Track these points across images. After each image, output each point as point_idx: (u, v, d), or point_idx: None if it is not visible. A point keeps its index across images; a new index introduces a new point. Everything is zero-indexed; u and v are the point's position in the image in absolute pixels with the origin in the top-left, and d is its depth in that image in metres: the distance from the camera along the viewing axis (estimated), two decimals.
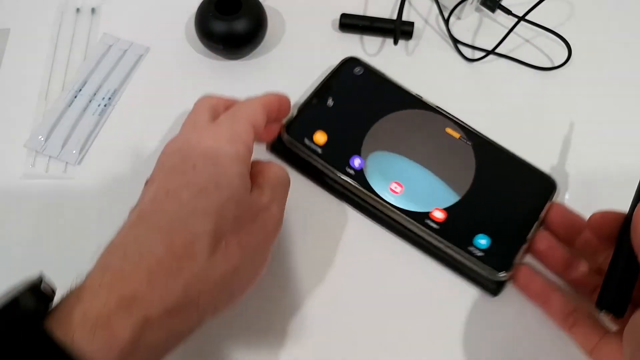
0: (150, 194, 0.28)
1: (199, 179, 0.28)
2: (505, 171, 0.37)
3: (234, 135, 0.30)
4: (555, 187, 0.37)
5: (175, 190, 0.27)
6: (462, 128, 0.38)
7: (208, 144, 0.29)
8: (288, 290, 0.35)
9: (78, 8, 0.46)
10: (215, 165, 0.28)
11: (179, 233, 0.26)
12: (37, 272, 0.26)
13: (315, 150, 0.37)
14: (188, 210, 0.27)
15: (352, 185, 0.36)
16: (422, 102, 0.39)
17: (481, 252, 0.34)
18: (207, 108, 0.33)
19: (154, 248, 0.25)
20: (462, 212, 0.35)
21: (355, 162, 0.36)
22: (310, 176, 0.38)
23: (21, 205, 0.38)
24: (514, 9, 0.45)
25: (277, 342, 0.33)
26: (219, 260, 0.26)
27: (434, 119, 0.39)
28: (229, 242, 0.27)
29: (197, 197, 0.27)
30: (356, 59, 0.41)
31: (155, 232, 0.26)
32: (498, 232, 0.35)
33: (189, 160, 0.28)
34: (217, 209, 0.27)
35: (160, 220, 0.26)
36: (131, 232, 0.27)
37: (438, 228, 0.35)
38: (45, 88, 0.42)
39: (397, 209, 0.35)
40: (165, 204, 0.27)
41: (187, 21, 0.45)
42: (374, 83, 0.40)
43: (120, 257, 0.26)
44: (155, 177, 0.29)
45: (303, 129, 0.37)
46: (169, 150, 0.31)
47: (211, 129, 0.31)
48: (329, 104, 0.38)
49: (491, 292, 0.35)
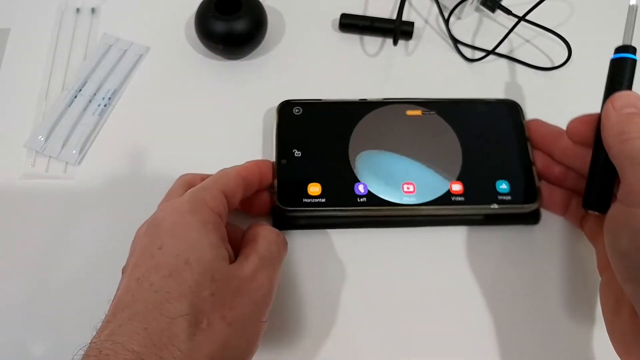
0: (124, 284, 0.27)
1: (167, 260, 0.26)
2: (476, 117, 0.39)
3: (196, 203, 0.29)
4: (518, 105, 0.39)
5: (145, 276, 0.26)
6: (418, 104, 0.39)
7: (172, 219, 0.28)
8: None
9: (78, 8, 0.46)
10: (182, 241, 0.27)
11: (155, 322, 0.24)
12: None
13: (318, 203, 0.35)
14: (161, 296, 0.25)
15: (370, 209, 0.36)
16: (371, 103, 0.39)
17: (508, 196, 0.36)
18: (182, 183, 0.33)
19: (130, 343, 0.24)
20: (472, 172, 0.37)
21: (360, 188, 0.36)
22: (324, 226, 0.37)
23: (21, 205, 0.38)
24: (514, 9, 0.45)
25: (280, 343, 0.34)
26: (201, 341, 0.25)
27: (391, 111, 0.39)
28: (211, 320, 0.26)
29: (167, 279, 0.26)
30: (287, 101, 0.39)
31: (130, 325, 0.24)
32: (509, 170, 0.37)
33: (156, 241, 0.27)
34: (192, 288, 0.26)
35: (134, 311, 0.25)
36: (107, 329, 0.25)
37: (463, 199, 0.36)
38: (45, 88, 0.42)
39: (422, 205, 0.36)
40: (137, 292, 0.26)
41: (187, 21, 0.45)
42: (318, 112, 0.39)
43: (95, 358, 0.23)
44: (129, 264, 0.28)
45: (294, 192, 0.36)
46: (138, 234, 0.30)
47: (175, 202, 0.29)
48: (298, 156, 0.37)
49: (533, 222, 0.37)
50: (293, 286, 0.35)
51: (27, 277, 0.35)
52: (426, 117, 0.39)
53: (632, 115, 0.30)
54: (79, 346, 0.26)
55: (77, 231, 0.37)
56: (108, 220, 0.37)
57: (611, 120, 0.30)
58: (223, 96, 0.42)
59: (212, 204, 0.29)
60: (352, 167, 0.37)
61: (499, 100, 0.40)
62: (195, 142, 0.40)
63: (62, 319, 0.34)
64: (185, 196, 0.30)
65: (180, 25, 0.45)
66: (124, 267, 0.29)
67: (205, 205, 0.29)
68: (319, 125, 0.38)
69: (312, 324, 0.34)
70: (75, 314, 0.34)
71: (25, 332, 0.34)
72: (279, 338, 0.34)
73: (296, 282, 0.35)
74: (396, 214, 0.36)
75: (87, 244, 0.36)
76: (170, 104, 0.42)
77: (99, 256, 0.36)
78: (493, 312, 0.35)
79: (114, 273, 0.31)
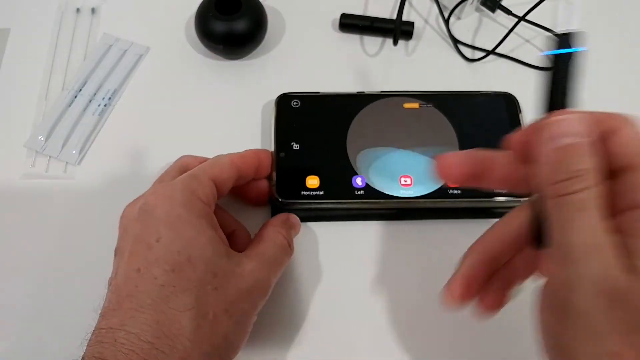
0: (122, 271, 0.27)
1: (168, 255, 0.27)
2: (473, 110, 0.39)
3: (187, 194, 0.29)
4: (515, 98, 0.39)
5: (146, 269, 0.27)
6: (415, 97, 0.39)
7: (165, 209, 0.28)
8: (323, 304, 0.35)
9: (78, 8, 0.46)
10: (180, 236, 0.28)
11: (164, 315, 0.26)
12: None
13: (316, 195, 0.36)
14: (168, 290, 0.26)
15: (368, 202, 0.36)
16: (369, 96, 0.40)
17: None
18: (178, 167, 0.33)
19: (144, 334, 0.25)
20: None
21: (358, 181, 0.36)
22: (322, 219, 0.37)
23: (21, 205, 0.38)
24: (514, 9, 0.45)
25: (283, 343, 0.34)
26: (207, 332, 0.26)
27: (388, 103, 0.39)
28: (216, 313, 0.27)
29: (171, 274, 0.27)
30: (285, 94, 0.39)
31: (141, 317, 0.26)
32: None
33: (152, 231, 0.28)
34: (196, 283, 0.27)
35: (141, 303, 0.26)
36: (115, 317, 0.26)
37: (460, 192, 0.36)
38: (45, 88, 0.42)
39: (419, 198, 0.36)
40: (141, 283, 0.27)
41: (187, 21, 0.45)
42: (316, 105, 0.39)
43: (112, 345, 0.25)
44: (123, 248, 0.29)
45: (292, 184, 0.36)
46: (129, 214, 0.30)
47: (167, 189, 0.29)
48: (297, 148, 0.37)
49: None
50: (289, 277, 0.35)
51: (27, 277, 0.35)
52: (423, 110, 0.39)
53: (568, 149, 0.21)
54: (79, 346, 0.26)
55: (77, 231, 0.37)
56: (108, 220, 0.37)
57: (540, 159, 0.22)
58: (223, 96, 0.42)
59: (202, 194, 0.30)
60: (350, 160, 0.37)
61: (495, 93, 0.40)
62: (195, 142, 0.40)
63: (62, 318, 0.34)
64: (177, 183, 0.30)
65: (180, 25, 0.45)
66: (116, 248, 0.30)
67: (196, 197, 0.29)
68: (317, 118, 0.39)
69: (307, 314, 0.34)
70: (75, 313, 0.34)
71: (25, 332, 0.34)
72: (275, 329, 0.34)
73: (293, 274, 0.35)
74: (393, 207, 0.36)
75: (87, 244, 0.36)
76: (170, 104, 0.42)
77: (99, 256, 0.35)
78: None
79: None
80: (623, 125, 0.22)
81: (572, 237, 0.20)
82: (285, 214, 0.35)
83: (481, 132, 0.38)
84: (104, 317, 0.27)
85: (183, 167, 0.34)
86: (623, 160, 0.21)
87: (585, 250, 0.20)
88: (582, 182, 0.21)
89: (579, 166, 0.21)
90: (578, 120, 0.21)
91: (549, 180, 0.21)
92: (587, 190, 0.21)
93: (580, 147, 0.21)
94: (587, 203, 0.20)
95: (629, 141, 0.21)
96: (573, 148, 0.21)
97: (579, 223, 0.20)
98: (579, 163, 0.21)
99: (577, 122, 0.21)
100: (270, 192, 0.36)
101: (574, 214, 0.21)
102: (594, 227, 0.20)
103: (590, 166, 0.21)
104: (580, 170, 0.21)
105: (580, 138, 0.21)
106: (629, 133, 0.21)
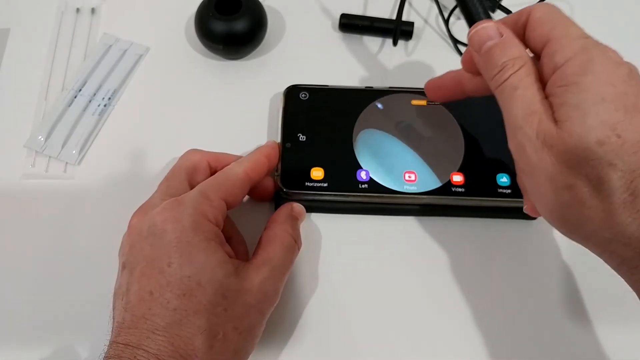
0: (135, 290, 0.28)
1: (179, 280, 0.28)
2: (480, 110, 0.38)
3: (197, 217, 0.29)
4: None
5: (159, 292, 0.27)
6: (423, 94, 0.39)
7: (175, 235, 0.28)
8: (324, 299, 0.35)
9: (78, 8, 0.46)
10: (191, 262, 0.28)
11: (179, 338, 0.27)
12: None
13: (320, 187, 0.36)
14: (180, 314, 0.27)
15: (371, 196, 0.36)
16: (377, 91, 0.40)
17: (509, 189, 0.36)
18: (185, 169, 0.33)
19: (162, 354, 0.26)
20: (473, 164, 0.37)
21: (362, 174, 0.36)
22: (325, 210, 0.38)
23: (21, 205, 0.38)
24: (514, 9, 0.45)
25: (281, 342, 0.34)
26: (219, 351, 0.27)
27: (396, 99, 0.39)
28: (226, 332, 0.28)
29: (182, 299, 0.27)
30: (294, 86, 0.40)
31: (157, 339, 0.26)
32: (510, 164, 0.36)
33: (163, 256, 0.28)
34: (206, 306, 0.27)
35: (156, 325, 0.27)
36: (132, 335, 0.27)
37: (464, 190, 0.36)
38: (45, 88, 0.42)
39: (422, 194, 0.36)
40: (154, 306, 0.27)
41: (187, 21, 0.45)
42: (324, 98, 0.39)
43: None
44: (133, 264, 0.29)
45: (297, 175, 0.36)
46: (137, 229, 0.30)
47: (176, 209, 0.29)
48: (303, 140, 0.38)
49: (531, 217, 0.36)
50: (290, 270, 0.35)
51: (27, 277, 0.35)
52: (431, 108, 0.39)
53: (491, 50, 0.27)
54: (79, 346, 0.26)
55: (77, 231, 0.37)
56: (108, 220, 0.37)
57: (479, 65, 0.29)
58: (223, 96, 0.42)
59: (212, 216, 0.30)
60: (355, 153, 0.37)
61: None
62: (194, 142, 0.40)
63: (62, 318, 0.34)
64: (187, 205, 0.30)
65: (180, 25, 0.45)
66: (124, 261, 0.29)
67: (206, 220, 0.29)
68: (325, 111, 0.39)
69: (309, 308, 0.34)
70: (75, 313, 0.34)
71: (25, 331, 0.34)
72: (276, 324, 0.34)
73: (294, 266, 0.35)
74: (396, 202, 0.37)
75: (87, 244, 0.37)
76: (170, 104, 0.42)
77: (99, 256, 0.36)
78: (489, 305, 0.35)
79: (113, 273, 0.31)
80: (532, 12, 0.27)
81: (513, 110, 0.26)
82: (289, 203, 0.35)
83: (487, 132, 0.38)
84: (119, 334, 0.27)
85: (190, 169, 0.33)
86: (541, 39, 0.27)
87: (525, 117, 0.26)
88: (509, 70, 0.26)
89: (503, 59, 0.27)
90: (491, 26, 0.28)
91: (489, 78, 0.28)
92: (515, 74, 0.26)
93: (499, 45, 0.27)
94: (519, 83, 0.26)
95: (541, 22, 0.27)
96: (494, 48, 0.27)
97: (516, 99, 0.26)
98: (502, 57, 0.27)
99: (491, 28, 0.28)
100: (275, 186, 0.36)
101: (510, 93, 0.26)
102: (529, 99, 0.26)
103: (511, 57, 0.27)
104: (504, 62, 0.27)
105: (497, 38, 0.27)
106: (540, 16, 0.27)
